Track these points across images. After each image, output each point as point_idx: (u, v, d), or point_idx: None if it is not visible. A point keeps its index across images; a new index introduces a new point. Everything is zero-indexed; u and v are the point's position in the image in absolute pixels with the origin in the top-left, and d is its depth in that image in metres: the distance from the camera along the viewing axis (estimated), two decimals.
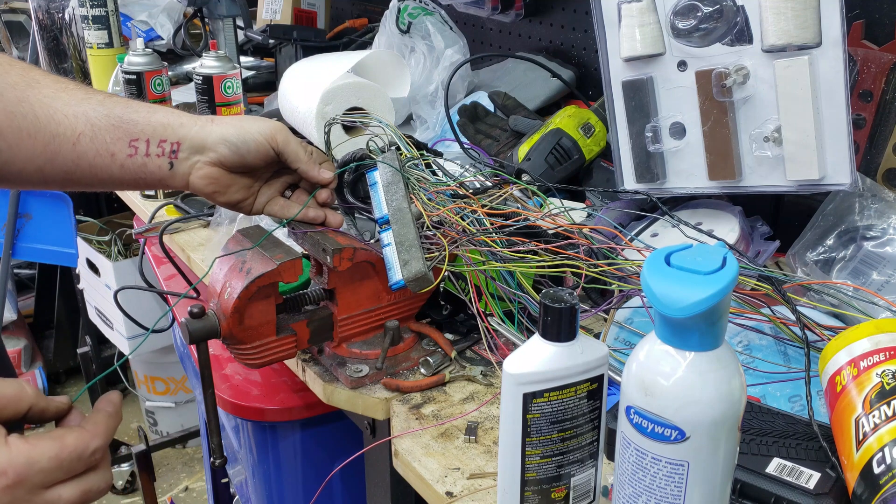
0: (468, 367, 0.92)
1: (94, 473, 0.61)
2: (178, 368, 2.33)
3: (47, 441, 0.58)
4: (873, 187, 0.96)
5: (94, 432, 0.61)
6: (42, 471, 0.57)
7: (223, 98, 1.47)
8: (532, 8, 1.63)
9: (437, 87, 1.53)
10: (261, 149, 0.88)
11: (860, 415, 0.60)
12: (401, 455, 0.80)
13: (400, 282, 0.86)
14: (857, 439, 0.59)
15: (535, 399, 0.60)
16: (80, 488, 0.60)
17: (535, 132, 1.26)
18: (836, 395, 0.64)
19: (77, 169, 0.84)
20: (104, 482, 0.62)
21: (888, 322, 0.66)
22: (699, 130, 0.99)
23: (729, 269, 0.52)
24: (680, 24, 0.96)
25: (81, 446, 0.59)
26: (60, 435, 0.59)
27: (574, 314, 0.59)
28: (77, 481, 0.60)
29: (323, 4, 2.31)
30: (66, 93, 0.84)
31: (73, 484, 0.60)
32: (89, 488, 0.60)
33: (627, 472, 0.57)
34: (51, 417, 0.63)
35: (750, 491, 0.62)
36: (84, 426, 0.61)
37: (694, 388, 0.53)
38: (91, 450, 0.60)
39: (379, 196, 0.90)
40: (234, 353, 0.87)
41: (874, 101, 1.02)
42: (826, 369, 0.67)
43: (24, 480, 0.56)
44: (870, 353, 0.63)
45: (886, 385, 0.60)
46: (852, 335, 0.66)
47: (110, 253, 2.19)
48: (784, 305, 0.79)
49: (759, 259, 1.00)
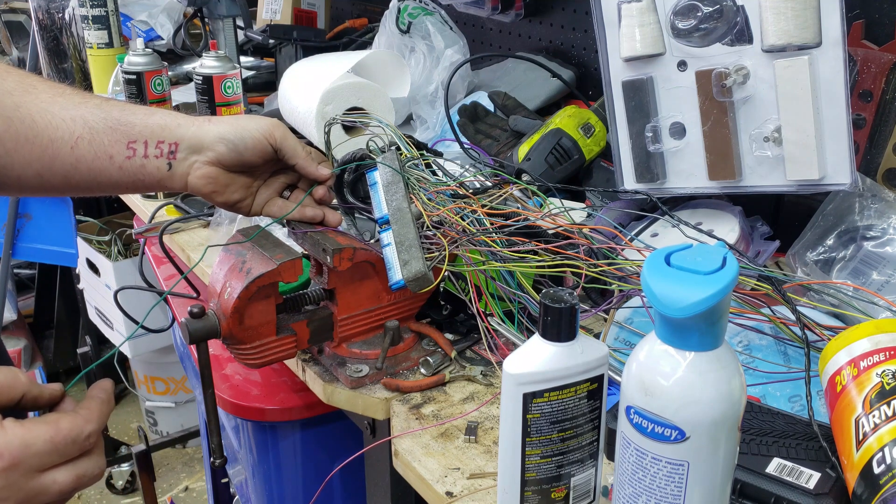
0: (468, 367, 0.92)
1: (88, 458, 0.61)
2: (178, 368, 2.33)
3: (42, 425, 0.58)
4: (873, 187, 0.96)
5: (87, 417, 0.61)
6: (37, 454, 0.58)
7: (223, 98, 1.47)
8: (532, 8, 1.63)
9: (437, 87, 1.53)
10: (258, 146, 0.88)
11: (860, 415, 0.60)
12: (401, 455, 0.80)
13: (400, 282, 0.86)
14: (857, 439, 0.59)
15: (535, 399, 0.60)
16: (75, 472, 0.60)
17: (535, 132, 1.26)
18: (837, 395, 0.64)
19: (76, 173, 0.84)
20: (98, 468, 0.62)
21: (888, 322, 0.66)
22: (699, 130, 0.99)
23: (729, 269, 0.52)
24: (680, 24, 0.96)
25: (76, 430, 0.60)
26: (55, 419, 0.60)
27: (574, 314, 0.59)
28: (71, 466, 0.60)
29: (323, 4, 2.31)
30: (62, 97, 0.85)
31: (68, 468, 0.60)
32: (83, 473, 0.61)
33: (627, 472, 0.57)
34: (44, 405, 0.63)
35: (750, 491, 0.62)
36: (78, 411, 0.61)
37: (694, 388, 0.53)
38: (85, 434, 0.60)
39: (379, 196, 0.90)
40: (234, 353, 0.87)
41: (874, 101, 1.02)
42: (826, 369, 0.67)
43: (20, 463, 0.57)
44: (870, 353, 0.63)
45: (886, 385, 0.60)
46: (852, 335, 0.66)
47: (110, 253, 2.19)
48: (784, 305, 0.79)
49: (759, 259, 1.00)
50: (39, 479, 0.58)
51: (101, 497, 2.42)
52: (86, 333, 2.47)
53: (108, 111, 0.86)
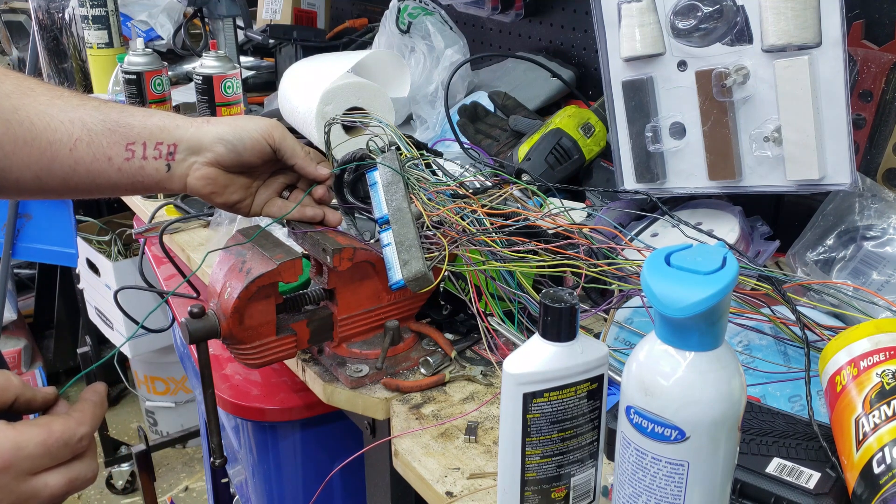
0: (468, 367, 0.92)
1: (81, 462, 0.61)
2: (178, 368, 2.33)
3: (34, 427, 0.58)
4: (873, 187, 0.96)
5: (80, 420, 0.61)
6: (29, 457, 0.57)
7: (223, 98, 1.47)
8: (532, 8, 1.63)
9: (437, 87, 1.53)
10: (257, 146, 0.88)
11: (860, 415, 0.60)
12: (401, 455, 0.80)
13: (400, 282, 0.86)
14: (857, 439, 0.59)
15: (535, 399, 0.60)
16: (67, 476, 0.60)
17: (535, 132, 1.26)
18: (837, 395, 0.64)
19: (74, 175, 0.84)
20: (90, 471, 0.62)
21: (888, 322, 0.66)
22: (699, 130, 0.99)
23: (729, 269, 0.52)
24: (680, 24, 0.96)
25: (68, 433, 0.59)
26: (47, 422, 0.59)
27: (574, 314, 0.59)
28: (64, 469, 0.60)
29: (323, 4, 2.31)
30: (61, 100, 0.84)
31: (60, 471, 0.60)
32: (76, 476, 0.60)
33: (627, 472, 0.57)
34: (37, 408, 0.63)
35: (750, 491, 0.62)
36: (70, 414, 0.61)
37: (694, 388, 0.53)
38: (78, 437, 0.60)
39: (379, 196, 0.90)
40: (234, 353, 0.87)
41: (874, 101, 1.02)
42: (826, 369, 0.67)
43: (11, 466, 0.57)
44: (870, 353, 0.63)
45: (886, 385, 0.60)
46: (852, 335, 0.66)
47: (110, 253, 2.19)
48: (784, 305, 0.79)
49: (759, 259, 1.00)
50: (31, 482, 0.58)
51: (101, 497, 2.42)
52: (86, 333, 2.47)
53: (107, 113, 0.85)
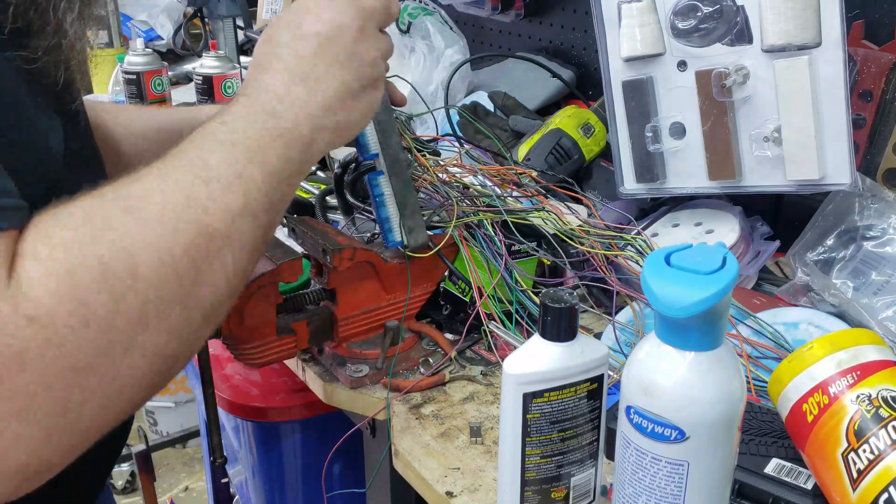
0: (468, 367, 0.92)
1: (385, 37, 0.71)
2: None
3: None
4: (873, 187, 0.96)
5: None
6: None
7: (223, 98, 1.47)
8: (532, 8, 1.63)
9: (437, 87, 1.52)
10: None
11: (847, 449, 0.57)
12: (401, 455, 0.80)
13: (399, 242, 0.86)
14: (851, 477, 0.56)
15: (535, 399, 0.60)
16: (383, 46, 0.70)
17: (535, 132, 1.26)
18: (809, 426, 0.60)
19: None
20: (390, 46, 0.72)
21: (842, 335, 0.62)
22: (699, 130, 0.99)
23: (729, 269, 0.52)
24: (680, 24, 0.96)
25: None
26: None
27: (574, 314, 0.59)
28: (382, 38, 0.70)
29: None
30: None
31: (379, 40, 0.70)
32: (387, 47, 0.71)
33: (627, 471, 0.57)
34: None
35: (749, 491, 0.62)
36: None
37: (694, 388, 0.53)
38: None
39: (368, 133, 0.82)
40: (234, 352, 0.87)
41: (874, 101, 1.02)
42: (785, 394, 0.62)
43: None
44: (836, 377, 0.60)
45: (867, 412, 0.57)
46: (809, 357, 0.61)
47: None
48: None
49: (759, 259, 1.00)
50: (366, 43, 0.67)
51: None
52: None
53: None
